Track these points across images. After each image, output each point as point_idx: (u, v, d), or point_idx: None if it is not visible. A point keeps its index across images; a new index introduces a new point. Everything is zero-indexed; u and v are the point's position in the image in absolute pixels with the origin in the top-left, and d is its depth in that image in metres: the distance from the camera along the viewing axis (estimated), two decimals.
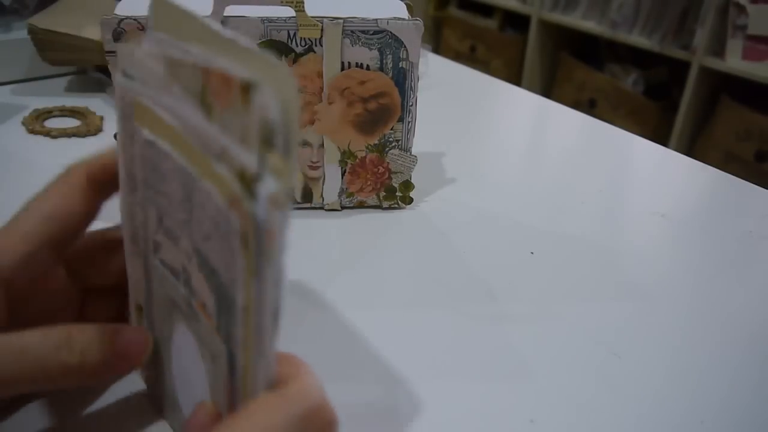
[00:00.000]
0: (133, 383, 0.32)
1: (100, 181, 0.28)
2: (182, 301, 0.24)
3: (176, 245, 0.23)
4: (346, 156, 0.50)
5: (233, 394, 0.22)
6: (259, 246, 0.18)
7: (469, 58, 2.43)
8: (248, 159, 0.18)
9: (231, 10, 0.44)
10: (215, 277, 0.20)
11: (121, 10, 0.45)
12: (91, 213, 0.29)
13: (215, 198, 0.19)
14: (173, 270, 0.24)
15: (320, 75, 0.47)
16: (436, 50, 2.09)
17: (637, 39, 1.91)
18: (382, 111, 0.49)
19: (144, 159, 0.23)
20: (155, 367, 0.30)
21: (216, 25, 0.20)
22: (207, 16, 0.21)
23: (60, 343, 0.25)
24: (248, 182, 0.18)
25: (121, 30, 0.44)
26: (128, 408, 0.32)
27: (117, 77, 0.24)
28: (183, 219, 0.22)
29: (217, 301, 0.21)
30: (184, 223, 0.22)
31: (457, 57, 2.31)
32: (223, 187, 0.19)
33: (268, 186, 0.18)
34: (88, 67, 0.77)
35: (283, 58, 0.46)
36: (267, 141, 0.17)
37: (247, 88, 0.18)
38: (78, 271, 0.30)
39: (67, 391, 0.32)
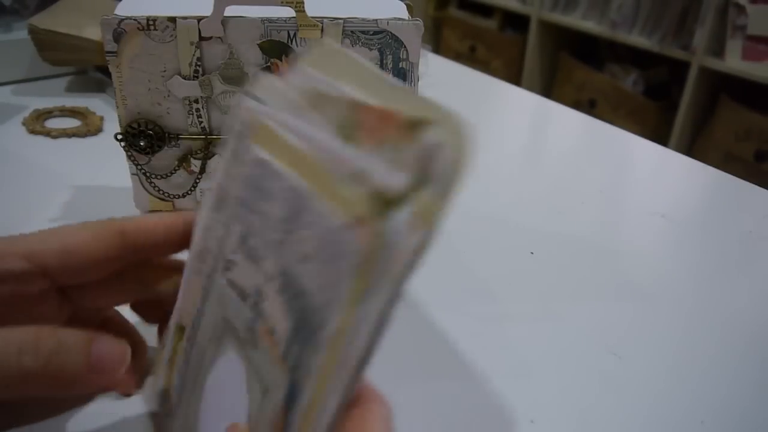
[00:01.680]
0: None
1: (132, 241, 0.27)
2: (243, 326, 0.23)
3: (256, 266, 0.22)
4: None
5: (286, 428, 0.21)
6: (382, 267, 0.18)
7: (469, 58, 2.43)
8: (393, 181, 0.17)
9: (231, 10, 0.44)
10: (302, 300, 0.20)
11: (121, 10, 0.45)
12: (109, 265, 0.27)
13: (331, 218, 0.19)
14: (242, 291, 0.23)
15: None
16: (436, 50, 2.09)
17: (637, 39, 1.91)
18: None
19: (248, 177, 0.23)
20: (183, 394, 0.27)
21: (386, 76, 0.21)
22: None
23: (24, 346, 0.22)
24: (385, 204, 0.18)
25: (121, 30, 0.44)
26: None
27: (246, 100, 0.24)
28: (276, 239, 0.21)
29: (295, 327, 0.20)
30: (277, 243, 0.21)
31: (457, 57, 2.31)
32: (347, 207, 0.19)
33: (407, 211, 0.17)
34: (88, 67, 0.77)
35: (283, 58, 0.46)
36: (423, 175, 0.18)
37: (415, 125, 0.18)
38: (74, 301, 0.28)
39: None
